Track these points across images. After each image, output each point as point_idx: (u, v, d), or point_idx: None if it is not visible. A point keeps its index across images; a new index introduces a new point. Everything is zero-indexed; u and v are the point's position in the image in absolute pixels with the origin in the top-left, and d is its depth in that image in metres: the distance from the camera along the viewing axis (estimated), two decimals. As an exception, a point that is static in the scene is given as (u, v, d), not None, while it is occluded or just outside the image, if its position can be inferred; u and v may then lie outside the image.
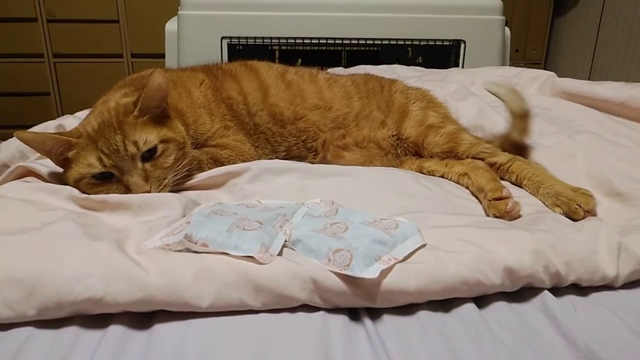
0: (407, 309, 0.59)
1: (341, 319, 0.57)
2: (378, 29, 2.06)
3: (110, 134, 0.82)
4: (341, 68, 1.88)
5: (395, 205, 0.82)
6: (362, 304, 0.59)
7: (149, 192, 0.82)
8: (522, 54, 3.09)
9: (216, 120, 1.02)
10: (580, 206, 0.79)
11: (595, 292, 0.64)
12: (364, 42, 2.07)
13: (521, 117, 1.07)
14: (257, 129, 1.08)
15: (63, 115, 1.30)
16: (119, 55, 2.84)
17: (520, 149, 1.06)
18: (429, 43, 2.10)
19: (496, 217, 0.81)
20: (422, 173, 1.03)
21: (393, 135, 1.12)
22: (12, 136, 0.90)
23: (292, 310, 0.58)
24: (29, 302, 0.55)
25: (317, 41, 2.05)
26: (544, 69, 2.45)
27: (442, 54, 2.14)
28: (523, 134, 1.07)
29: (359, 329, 0.56)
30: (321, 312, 0.58)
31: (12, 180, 0.87)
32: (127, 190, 0.82)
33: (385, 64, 1.92)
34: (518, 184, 0.95)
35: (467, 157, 1.02)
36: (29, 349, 0.53)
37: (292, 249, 0.64)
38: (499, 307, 0.61)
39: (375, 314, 0.59)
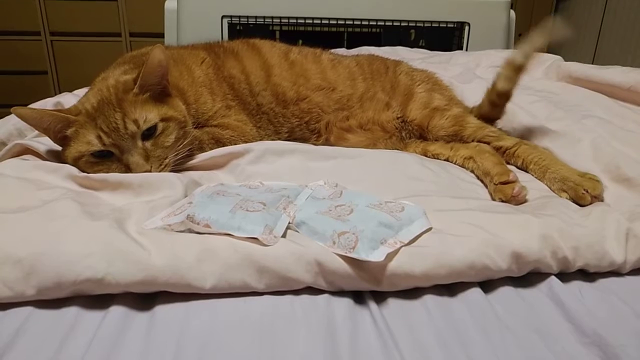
0: (412, 293, 0.59)
1: (346, 302, 0.56)
2: (381, 9, 2.03)
3: (110, 111, 0.80)
4: (343, 49, 1.85)
5: (400, 188, 0.81)
6: (367, 287, 0.58)
7: (150, 171, 0.81)
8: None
9: (218, 99, 1.00)
10: (587, 191, 0.78)
11: (602, 278, 0.63)
12: (366, 22, 2.04)
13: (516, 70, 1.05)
14: (259, 109, 1.06)
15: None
16: (117, 34, 2.79)
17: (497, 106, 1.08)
18: (433, 25, 2.06)
19: (502, 201, 0.80)
20: (426, 156, 1.02)
21: (398, 118, 1.10)
22: (9, 114, 0.88)
23: (296, 292, 0.57)
24: (28, 281, 0.54)
25: (318, 22, 2.02)
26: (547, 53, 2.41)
27: (444, 37, 2.11)
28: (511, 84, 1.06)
29: (364, 313, 0.56)
30: (325, 295, 0.57)
31: (9, 158, 0.86)
32: (127, 169, 0.81)
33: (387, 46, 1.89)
34: (524, 168, 0.94)
35: (472, 141, 1.00)
36: (28, 329, 0.52)
37: (296, 231, 0.63)
38: (506, 292, 0.60)
39: (380, 297, 0.58)
